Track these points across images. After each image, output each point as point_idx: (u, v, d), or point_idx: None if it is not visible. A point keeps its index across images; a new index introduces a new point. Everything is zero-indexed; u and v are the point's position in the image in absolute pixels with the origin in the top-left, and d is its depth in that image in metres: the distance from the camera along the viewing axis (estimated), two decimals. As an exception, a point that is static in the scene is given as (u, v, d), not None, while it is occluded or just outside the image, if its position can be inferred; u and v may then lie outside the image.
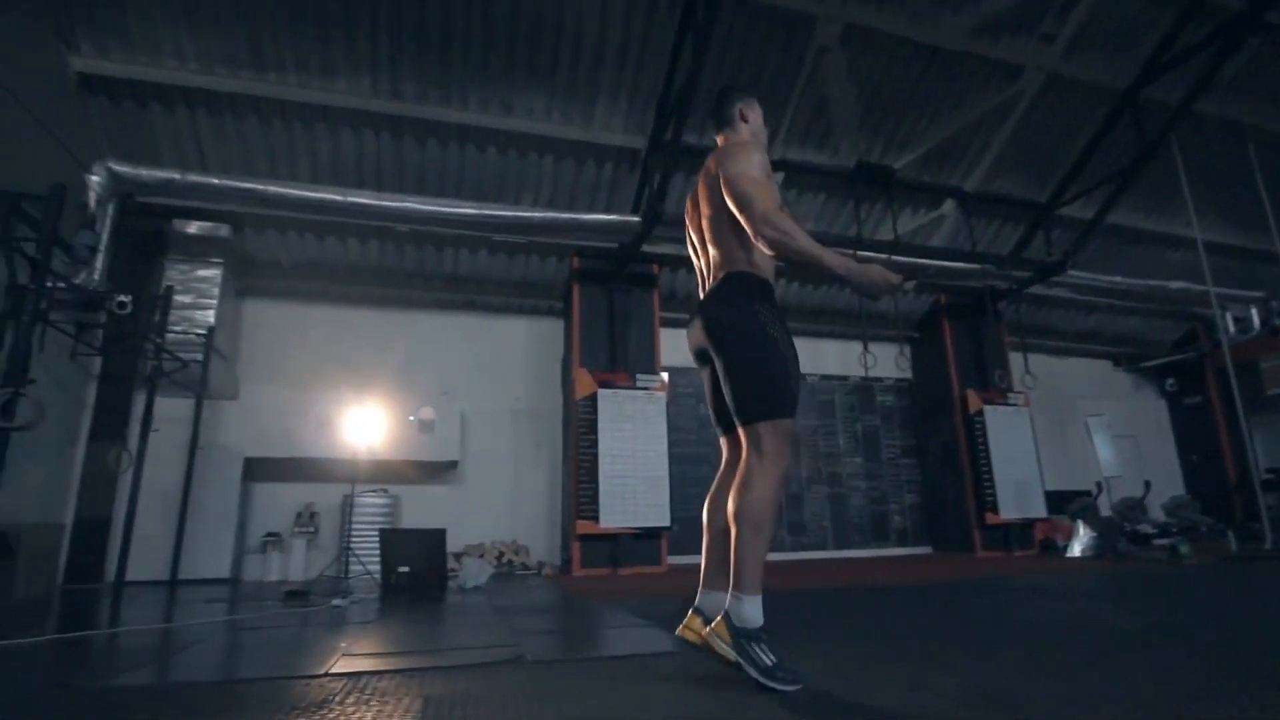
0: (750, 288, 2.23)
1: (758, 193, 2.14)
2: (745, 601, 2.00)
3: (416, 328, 8.58)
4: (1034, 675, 2.12)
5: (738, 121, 2.50)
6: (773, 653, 1.96)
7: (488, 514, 8.16)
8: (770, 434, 2.10)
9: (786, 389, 2.13)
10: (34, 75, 5.84)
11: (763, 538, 2.05)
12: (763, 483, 2.07)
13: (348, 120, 7.05)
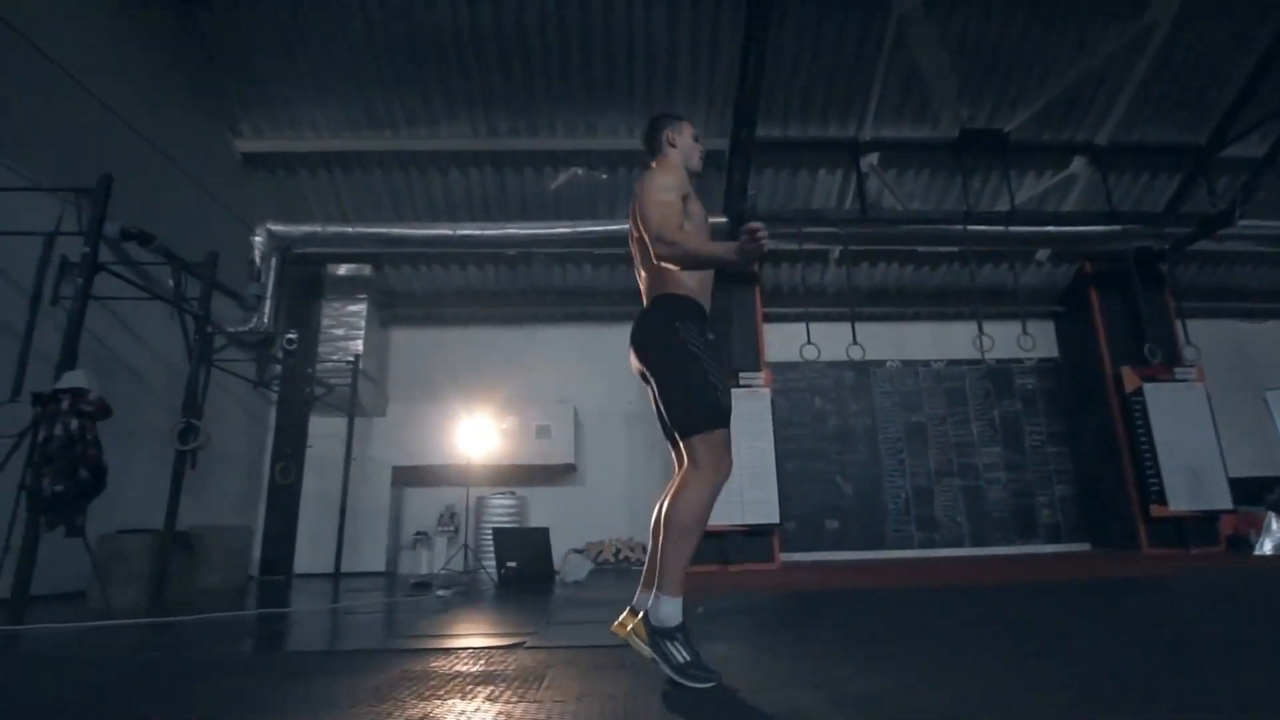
0: (673, 309, 2.33)
1: (655, 212, 2.25)
2: (664, 601, 2.12)
3: (537, 341, 9.26)
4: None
5: (665, 147, 2.60)
6: (689, 651, 2.07)
7: (606, 513, 8.61)
8: (703, 446, 2.19)
9: (714, 403, 2.21)
10: (208, 159, 7.17)
11: (688, 543, 2.15)
12: (694, 491, 2.17)
13: (453, 161, 7.85)
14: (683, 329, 2.26)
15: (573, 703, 1.87)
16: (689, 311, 2.32)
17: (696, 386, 2.21)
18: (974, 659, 2.35)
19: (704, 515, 2.16)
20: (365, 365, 8.29)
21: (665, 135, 2.58)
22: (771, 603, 4.49)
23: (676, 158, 2.57)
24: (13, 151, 4.75)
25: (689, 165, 2.58)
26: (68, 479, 3.74)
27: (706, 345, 2.26)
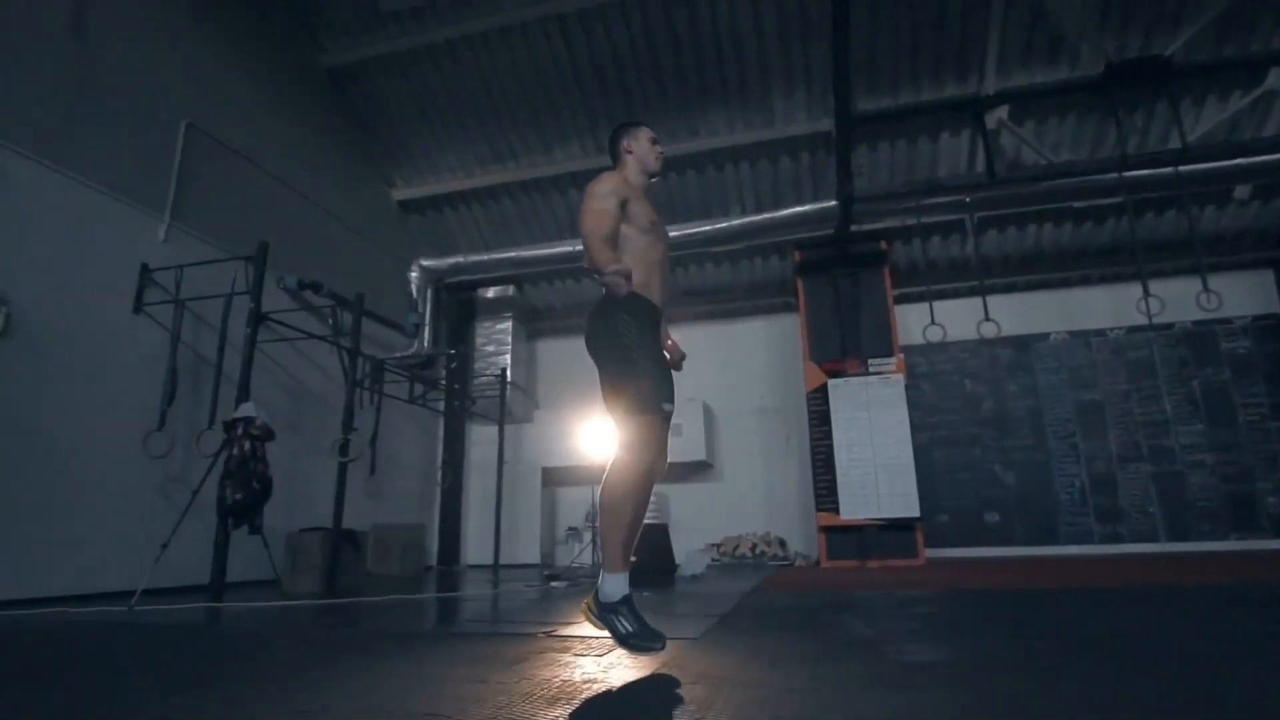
0: (616, 304, 2.48)
1: (587, 219, 2.41)
2: (607, 579, 2.29)
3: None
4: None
5: (623, 155, 2.73)
6: (633, 622, 2.22)
7: (744, 508, 8.65)
8: (629, 430, 2.33)
9: (641, 390, 2.34)
10: (370, 211, 8.40)
11: (618, 523, 2.30)
12: (619, 474, 2.32)
13: (570, 182, 8.39)
14: (621, 322, 2.40)
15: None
16: (631, 306, 2.44)
17: (627, 374, 2.35)
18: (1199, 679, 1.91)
19: (629, 497, 2.28)
20: (514, 376, 9.15)
21: (623, 144, 2.73)
22: (897, 603, 4.34)
23: (632, 164, 2.70)
24: (206, 225, 6.01)
25: (646, 168, 2.70)
26: (245, 489, 4.72)
27: (643, 338, 2.39)
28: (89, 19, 5.26)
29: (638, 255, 2.49)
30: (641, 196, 2.60)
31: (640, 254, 2.50)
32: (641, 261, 2.51)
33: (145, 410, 5.19)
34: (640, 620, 2.23)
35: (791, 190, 8.09)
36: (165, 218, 5.70)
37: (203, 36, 6.30)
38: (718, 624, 3.27)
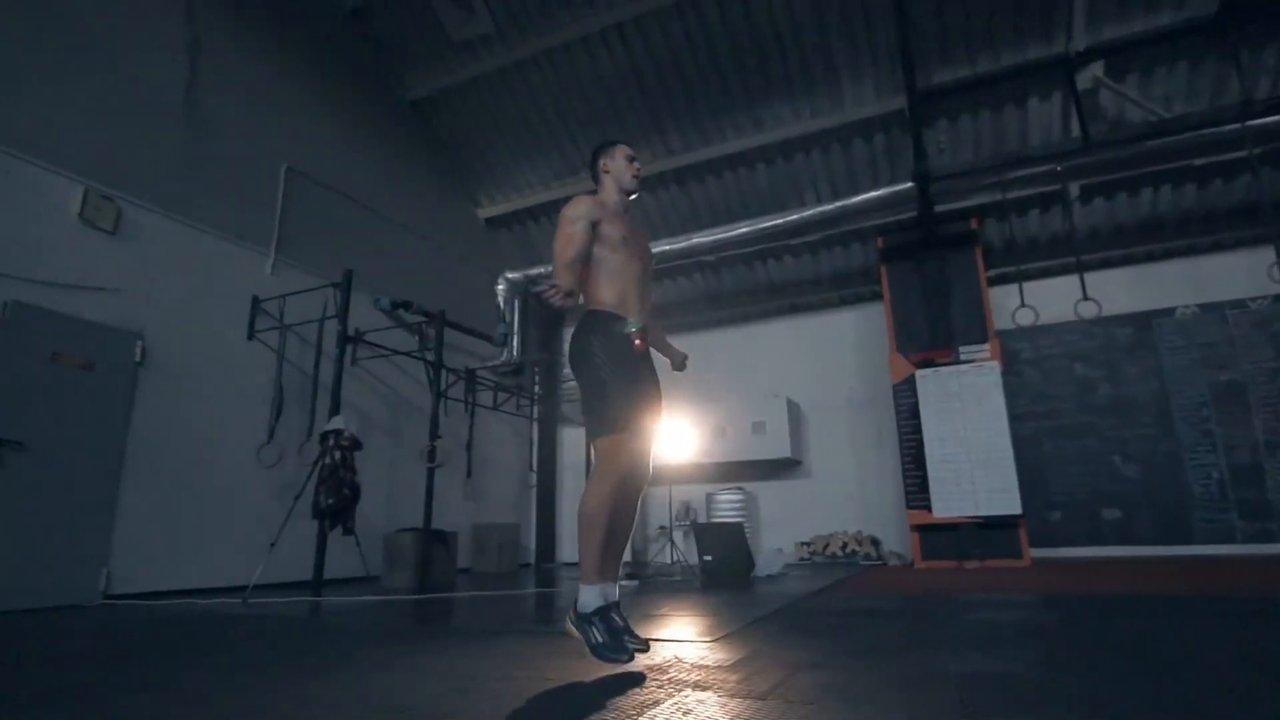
0: (589, 324, 2.54)
1: (557, 240, 2.50)
2: (582, 590, 2.37)
3: (754, 338, 9.44)
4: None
5: (601, 175, 2.79)
6: (603, 634, 2.29)
7: (834, 506, 8.39)
8: (601, 449, 2.41)
9: (608, 412, 2.40)
10: (459, 230, 8.94)
11: (591, 537, 2.37)
12: (592, 490, 2.39)
13: (644, 185, 8.49)
14: (594, 343, 2.48)
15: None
16: (601, 325, 2.52)
17: (597, 394, 2.43)
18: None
19: (602, 512, 2.34)
20: (601, 380, 9.40)
21: (601, 164, 2.80)
22: (964, 608, 4.15)
23: (609, 184, 2.76)
24: (306, 256, 6.67)
25: (622, 186, 2.75)
26: (336, 494, 5.23)
27: (614, 359, 2.44)
28: (199, 88, 6.00)
29: (611, 275, 2.55)
30: (617, 215, 2.66)
31: (614, 273, 2.56)
32: (615, 281, 2.56)
33: (258, 425, 5.87)
34: (611, 632, 2.30)
35: (868, 174, 7.76)
36: (271, 253, 6.40)
37: (297, 89, 6.99)
38: (744, 627, 3.26)
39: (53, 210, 4.89)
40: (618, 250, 2.58)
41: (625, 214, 2.74)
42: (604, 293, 2.56)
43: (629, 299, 2.57)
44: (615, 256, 2.56)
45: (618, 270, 2.56)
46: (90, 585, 4.77)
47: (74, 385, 4.85)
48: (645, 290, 2.67)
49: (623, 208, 2.74)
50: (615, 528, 2.52)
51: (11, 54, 4.76)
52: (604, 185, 2.78)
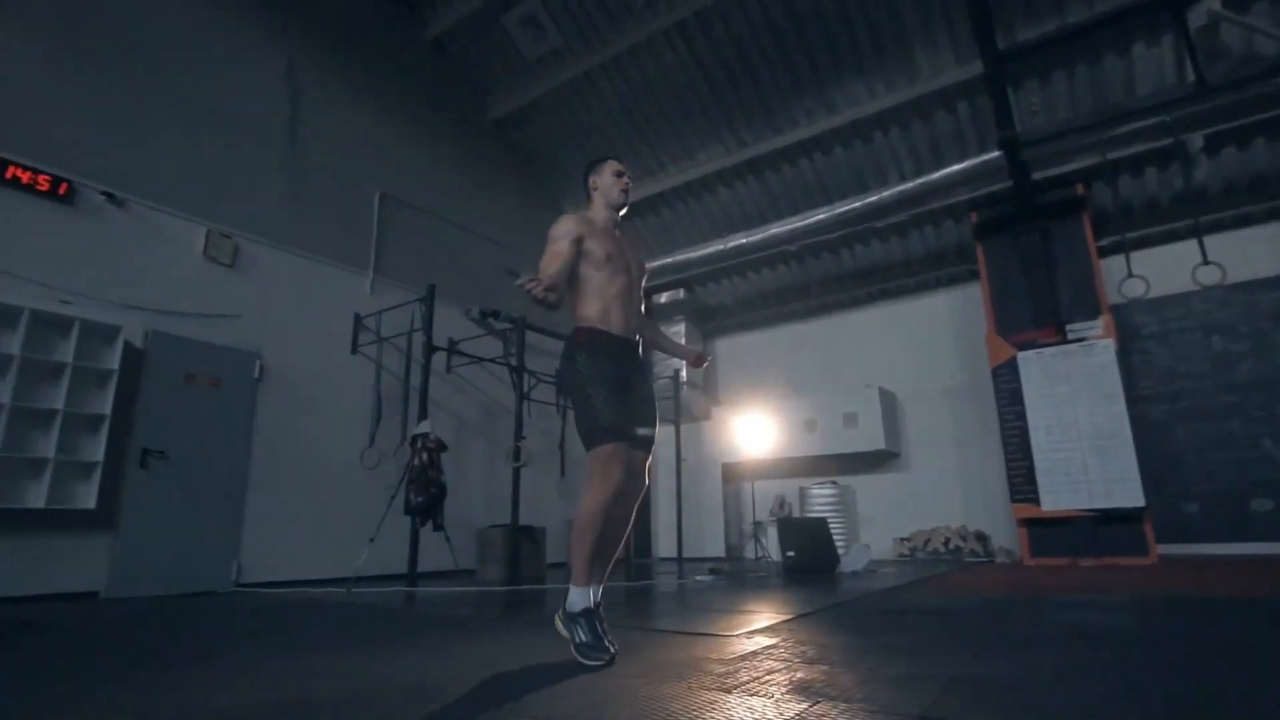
0: (575, 342, 2.61)
1: (544, 257, 2.59)
2: (572, 591, 2.46)
3: (844, 327, 9.13)
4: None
5: (591, 192, 2.86)
6: (587, 634, 2.37)
7: (936, 500, 7.95)
8: (593, 461, 2.48)
9: (595, 423, 2.46)
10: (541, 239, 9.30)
11: (582, 544, 2.45)
12: (588, 499, 2.47)
13: (718, 180, 8.48)
14: (580, 358, 2.57)
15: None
16: (586, 342, 2.59)
17: (582, 407, 2.52)
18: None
19: (594, 521, 2.43)
20: (689, 376, 9.45)
21: (590, 182, 2.88)
22: (1054, 609, 3.91)
23: (598, 200, 2.83)
24: (401, 273, 7.22)
25: (610, 201, 2.81)
26: (424, 492, 5.65)
27: (598, 372, 2.51)
28: (300, 131, 6.68)
29: (596, 291, 2.62)
30: (603, 232, 2.72)
31: (599, 289, 2.63)
32: (600, 296, 2.63)
33: (361, 431, 6.45)
34: (594, 633, 2.38)
35: (954, 146, 7.29)
36: (369, 273, 7.00)
37: (387, 120, 7.58)
38: (781, 623, 3.23)
39: (181, 250, 5.65)
40: (602, 267, 2.64)
41: (615, 229, 2.81)
42: (589, 308, 2.63)
43: (613, 313, 2.62)
44: (599, 273, 2.63)
45: (602, 286, 2.62)
46: (224, 574, 5.47)
47: (205, 401, 5.57)
48: (632, 303, 2.71)
49: (612, 223, 2.80)
50: (608, 535, 2.60)
51: (141, 117, 5.55)
52: (593, 202, 2.86)
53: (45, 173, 4.98)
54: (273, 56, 6.60)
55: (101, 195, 5.26)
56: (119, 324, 5.11)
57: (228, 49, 6.24)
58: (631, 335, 2.68)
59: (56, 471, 4.66)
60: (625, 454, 2.49)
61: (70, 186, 5.10)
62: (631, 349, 2.68)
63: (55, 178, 5.02)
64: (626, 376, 2.61)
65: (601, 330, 2.60)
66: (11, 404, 4.53)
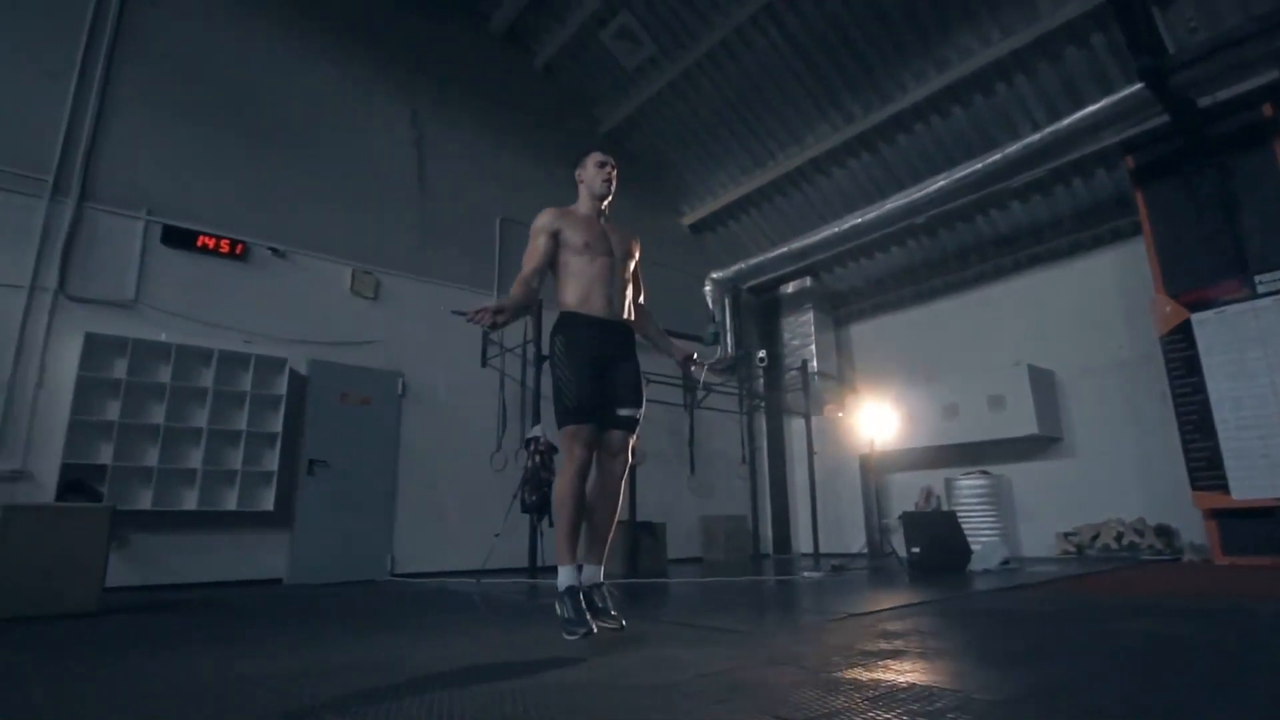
0: (556, 325, 2.77)
1: (524, 255, 2.77)
2: (559, 569, 2.61)
3: (987, 302, 8.29)
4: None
5: (578, 185, 2.98)
6: (569, 610, 2.50)
7: (1107, 489, 6.94)
8: (561, 441, 2.64)
9: (562, 405, 2.61)
10: (665, 241, 9.51)
11: (560, 521, 2.59)
12: (560, 477, 2.62)
13: (830, 160, 8.12)
14: (556, 341, 2.74)
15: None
16: (562, 325, 2.75)
17: (556, 390, 2.69)
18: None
19: (565, 500, 2.59)
20: (821, 366, 9.13)
21: (576, 175, 3.02)
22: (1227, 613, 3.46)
23: (583, 192, 2.97)
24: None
25: (593, 192, 2.94)
26: (537, 492, 6.09)
27: (572, 355, 2.66)
28: (426, 171, 7.50)
29: (574, 277, 2.78)
30: (584, 221, 2.86)
31: (576, 276, 2.78)
32: (579, 282, 2.77)
33: (490, 437, 7.08)
34: (576, 609, 2.51)
35: (1094, 83, 6.36)
36: (494, 292, 7.66)
37: (504, 148, 8.22)
38: (836, 620, 3.12)
39: (332, 289, 6.62)
40: (581, 253, 2.79)
41: (600, 217, 2.93)
42: (568, 294, 2.79)
43: (593, 297, 2.76)
44: (578, 259, 2.78)
45: (579, 272, 2.77)
46: (381, 566, 6.32)
47: (358, 417, 6.47)
48: (614, 286, 2.81)
49: (596, 212, 2.93)
50: (594, 514, 2.73)
51: (293, 180, 6.59)
52: (580, 194, 3.00)
53: (225, 237, 6.12)
54: (398, 109, 7.48)
55: (268, 250, 6.34)
56: (285, 356, 6.14)
57: (359, 109, 7.18)
58: (614, 316, 2.79)
59: (243, 480, 5.71)
60: (590, 434, 2.62)
61: (245, 246, 6.22)
62: (613, 330, 2.79)
63: (233, 240, 6.15)
64: (607, 357, 2.73)
65: (580, 314, 2.75)
66: (209, 427, 5.65)
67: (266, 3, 6.83)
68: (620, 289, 2.85)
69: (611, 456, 2.72)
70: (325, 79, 7.04)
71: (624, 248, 2.92)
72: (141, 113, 5.93)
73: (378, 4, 7.64)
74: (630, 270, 2.96)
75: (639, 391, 2.80)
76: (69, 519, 3.81)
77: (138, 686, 2.02)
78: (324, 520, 6.05)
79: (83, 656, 2.53)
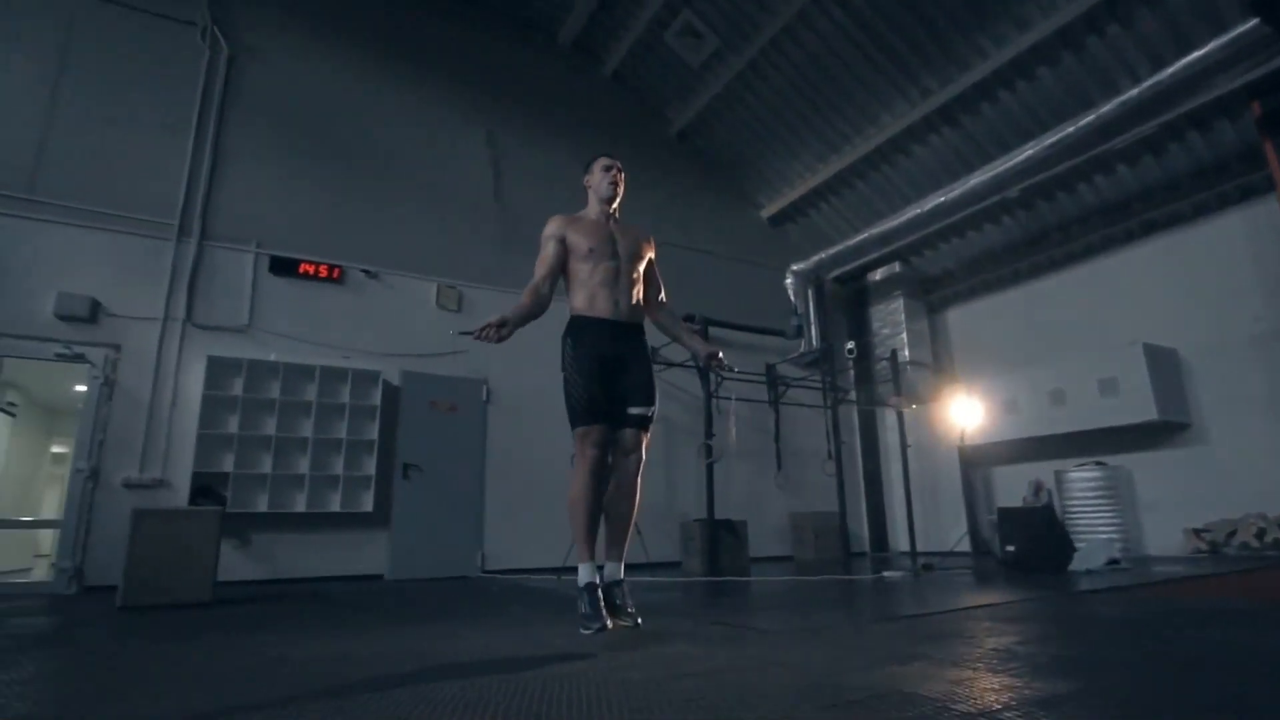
0: (565, 329, 2.85)
1: (536, 265, 2.87)
2: (579, 567, 2.68)
3: (1098, 275, 7.55)
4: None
5: (587, 191, 3.04)
6: (586, 605, 2.58)
7: (1248, 479, 6.13)
8: (575, 442, 2.71)
9: (570, 407, 2.69)
10: (744, 236, 9.42)
11: (574, 521, 2.66)
12: (573, 479, 2.70)
13: (910, 137, 7.73)
14: (565, 345, 2.83)
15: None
16: (571, 328, 2.83)
17: (566, 393, 2.76)
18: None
19: (578, 500, 2.68)
20: (914, 355, 8.70)
21: (585, 181, 3.09)
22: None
23: (591, 197, 3.04)
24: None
25: (600, 196, 3.01)
26: (612, 492, 6.23)
27: (578, 358, 2.74)
28: (503, 186, 7.86)
29: (580, 282, 2.87)
30: (592, 225, 2.93)
31: (583, 281, 2.86)
32: (585, 285, 2.86)
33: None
34: (593, 605, 2.60)
35: (1203, 23, 5.66)
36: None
37: (578, 158, 8.39)
38: (839, 627, 3.03)
39: (420, 304, 7.09)
40: (586, 259, 2.86)
41: (609, 220, 2.98)
42: (576, 298, 2.88)
43: (599, 299, 2.83)
44: (584, 265, 2.86)
45: (585, 277, 2.85)
46: (473, 563, 6.69)
47: (447, 423, 6.90)
48: (620, 287, 2.85)
49: (604, 216, 2.99)
50: (611, 513, 2.80)
51: (382, 205, 7.11)
52: (589, 199, 3.07)
53: (324, 263, 6.72)
54: (475, 129, 7.88)
55: (362, 272, 6.89)
56: (379, 369, 6.64)
57: (438, 133, 7.64)
58: (622, 317, 2.84)
59: (345, 484, 6.25)
60: (600, 434, 2.68)
61: (341, 270, 6.79)
62: (621, 330, 2.84)
63: (330, 265, 6.75)
64: (615, 357, 2.80)
65: (587, 317, 2.84)
66: (314, 436, 6.23)
67: (352, 43, 7.43)
68: (628, 290, 2.89)
69: (625, 455, 2.78)
70: (406, 107, 7.54)
71: (632, 249, 2.96)
72: (248, 157, 6.63)
73: (452, 31, 8.10)
74: (640, 270, 2.99)
75: (650, 390, 2.84)
76: (186, 521, 4.35)
77: (193, 665, 2.30)
78: (418, 520, 6.49)
79: (159, 639, 2.90)
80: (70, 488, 5.48)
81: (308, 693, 1.80)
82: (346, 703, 1.67)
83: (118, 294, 5.84)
